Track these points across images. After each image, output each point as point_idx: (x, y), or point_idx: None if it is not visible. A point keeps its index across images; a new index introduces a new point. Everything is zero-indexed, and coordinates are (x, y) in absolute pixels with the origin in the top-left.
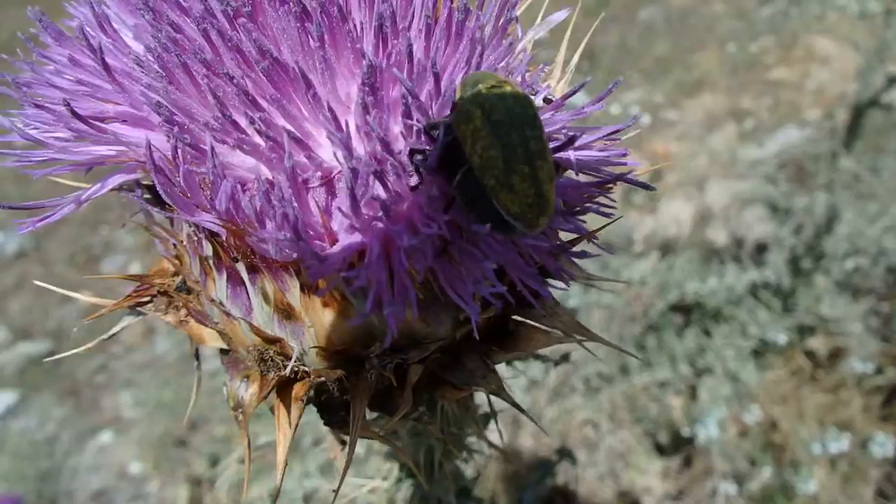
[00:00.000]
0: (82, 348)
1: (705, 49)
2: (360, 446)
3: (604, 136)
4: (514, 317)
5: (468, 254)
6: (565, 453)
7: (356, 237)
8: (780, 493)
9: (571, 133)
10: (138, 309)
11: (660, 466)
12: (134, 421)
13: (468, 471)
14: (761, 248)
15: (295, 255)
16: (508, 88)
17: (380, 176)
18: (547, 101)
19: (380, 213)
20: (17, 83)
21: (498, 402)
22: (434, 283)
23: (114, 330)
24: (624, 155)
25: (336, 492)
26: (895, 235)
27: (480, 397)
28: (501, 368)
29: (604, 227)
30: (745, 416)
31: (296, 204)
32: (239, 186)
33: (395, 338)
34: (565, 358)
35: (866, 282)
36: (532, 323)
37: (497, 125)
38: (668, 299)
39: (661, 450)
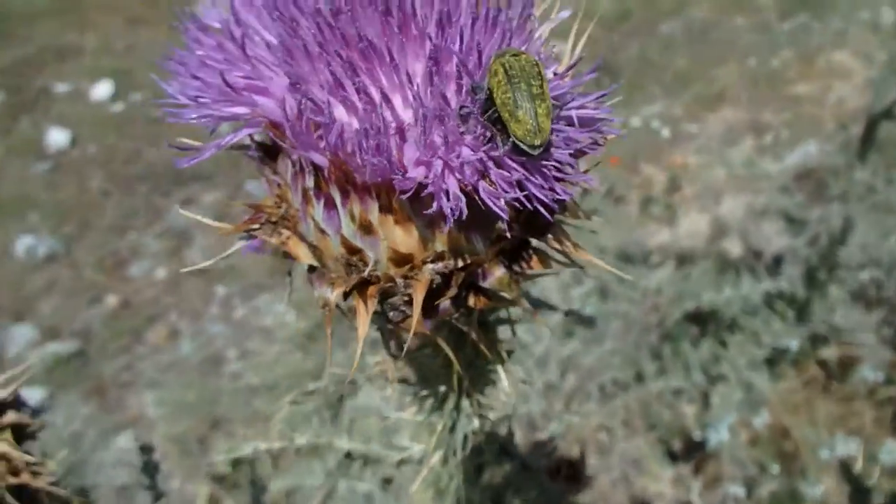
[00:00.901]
0: (204, 265)
1: (726, 63)
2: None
3: (595, 99)
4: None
5: (500, 176)
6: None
7: (422, 167)
8: (789, 500)
9: (573, 96)
10: (250, 232)
11: (672, 473)
12: (157, 420)
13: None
14: (778, 260)
15: (380, 179)
16: (523, 55)
17: (441, 119)
18: (556, 74)
19: (440, 147)
20: (177, 62)
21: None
22: (478, 201)
23: (230, 250)
24: (610, 112)
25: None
26: None
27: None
28: None
29: (594, 166)
30: (755, 420)
31: (385, 138)
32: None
33: (444, 250)
34: (572, 312)
35: (880, 293)
36: (546, 251)
37: (511, 77)
38: (683, 308)
39: (673, 456)
